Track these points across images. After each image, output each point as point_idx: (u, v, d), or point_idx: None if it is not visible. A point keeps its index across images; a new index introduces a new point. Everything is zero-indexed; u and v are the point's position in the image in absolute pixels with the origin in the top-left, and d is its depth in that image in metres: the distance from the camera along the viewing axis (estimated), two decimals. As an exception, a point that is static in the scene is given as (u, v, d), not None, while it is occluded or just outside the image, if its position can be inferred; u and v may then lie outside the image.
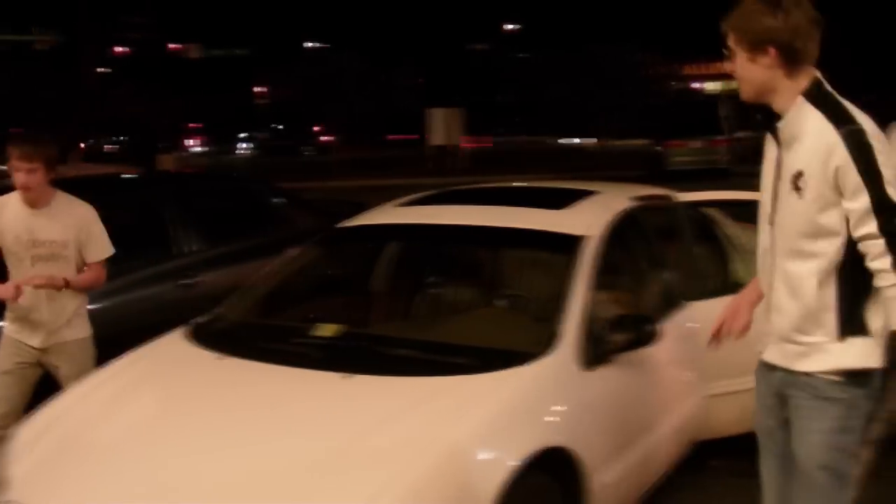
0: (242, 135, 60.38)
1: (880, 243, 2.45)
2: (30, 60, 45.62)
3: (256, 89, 65.29)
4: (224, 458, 2.80)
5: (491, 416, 2.95)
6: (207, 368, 3.45)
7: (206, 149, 55.91)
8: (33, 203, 4.09)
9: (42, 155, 3.99)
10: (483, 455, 2.81)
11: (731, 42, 2.63)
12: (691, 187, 5.03)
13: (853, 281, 2.54)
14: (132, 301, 5.26)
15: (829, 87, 2.61)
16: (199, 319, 3.92)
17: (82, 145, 27.79)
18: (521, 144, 46.29)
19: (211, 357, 3.49)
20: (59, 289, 4.06)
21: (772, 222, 2.71)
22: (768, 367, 2.78)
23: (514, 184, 5.84)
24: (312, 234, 4.79)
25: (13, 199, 4.13)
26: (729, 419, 4.02)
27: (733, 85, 2.71)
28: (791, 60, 2.55)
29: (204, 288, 5.43)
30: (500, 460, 2.78)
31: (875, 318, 2.56)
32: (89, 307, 4.34)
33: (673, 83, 41.87)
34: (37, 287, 4.01)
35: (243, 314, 4.09)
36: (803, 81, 2.58)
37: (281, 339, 3.74)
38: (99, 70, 52.46)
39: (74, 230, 4.13)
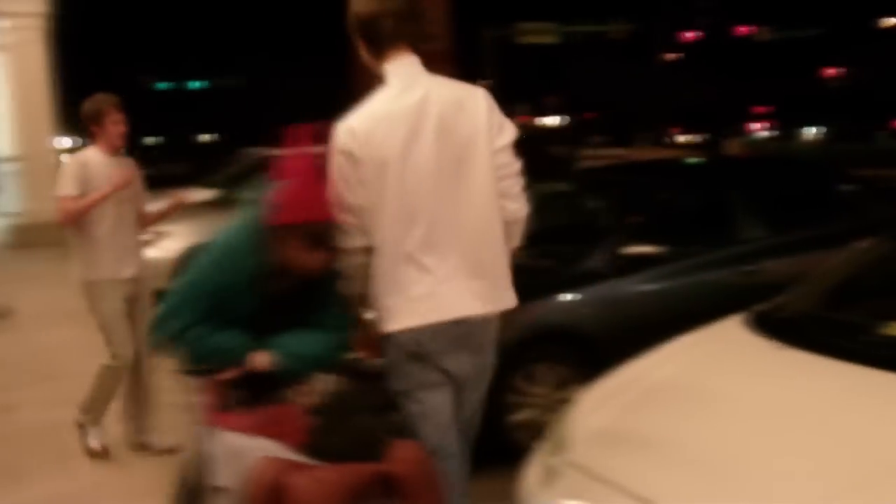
0: (812, 119, 57.95)
1: None
2: (606, 49, 48.42)
3: (827, 71, 62.16)
4: (798, 455, 2.67)
5: None
6: (767, 357, 3.35)
7: (773, 133, 54.67)
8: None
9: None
10: None
11: None
12: None
13: None
14: (692, 284, 5.32)
15: None
16: (761, 307, 3.82)
17: (653, 131, 28.89)
18: None
19: (771, 346, 3.38)
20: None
21: None
22: None
23: None
24: (887, 226, 4.41)
25: None
26: None
27: None
28: None
29: (766, 276, 5.29)
30: None
31: None
32: (649, 288, 4.48)
33: None
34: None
35: (807, 305, 3.89)
36: None
37: (848, 335, 3.48)
38: (669, 56, 53.96)
39: None
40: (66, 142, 25.82)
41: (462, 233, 2.99)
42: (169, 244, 9.65)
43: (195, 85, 73.59)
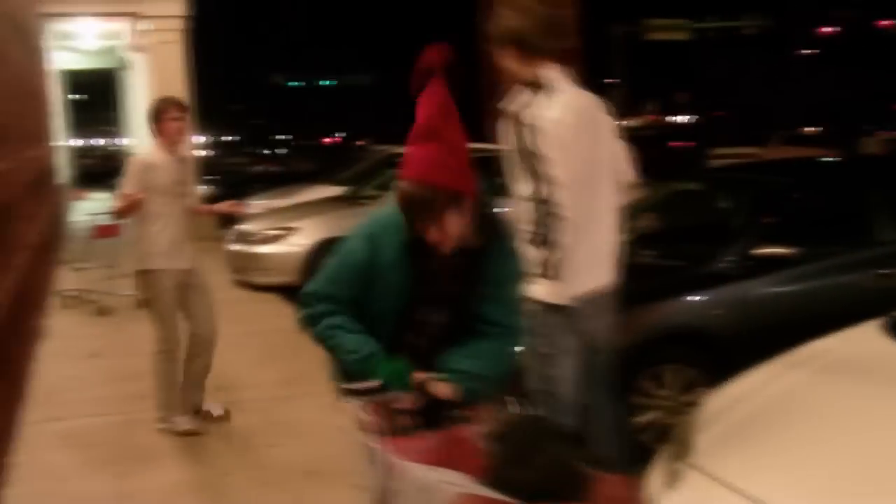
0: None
1: None
2: (738, 45, 47.19)
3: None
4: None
5: None
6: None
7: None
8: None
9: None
10: None
11: None
12: None
13: None
14: (826, 287, 5.15)
15: None
16: (898, 313, 3.66)
17: (787, 129, 28.04)
18: None
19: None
20: None
21: None
22: None
23: None
24: None
25: None
26: None
27: None
28: None
29: (904, 280, 5.09)
30: None
31: None
32: (781, 290, 4.36)
33: None
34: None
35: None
36: None
37: None
38: (805, 52, 52.19)
39: None
40: (202, 139, 26.78)
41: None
42: (297, 239, 9.91)
43: (324, 83, 75.22)
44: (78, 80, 27.28)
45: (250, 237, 10.32)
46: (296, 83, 74.24)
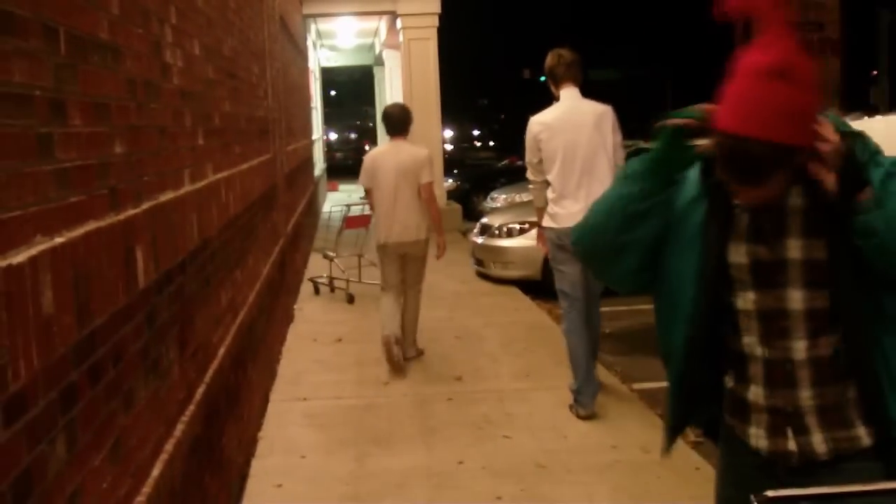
0: None
1: None
2: None
3: None
4: None
5: None
6: None
7: None
8: None
9: None
10: None
11: None
12: None
13: None
14: None
15: None
16: None
17: None
18: None
19: None
20: None
21: None
22: None
23: None
24: None
25: None
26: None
27: None
28: None
29: None
30: None
31: None
32: None
33: None
34: None
35: None
36: None
37: None
38: None
39: None
40: (449, 133, 27.44)
41: (586, 183, 5.44)
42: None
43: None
44: (334, 77, 28.68)
45: (493, 230, 10.42)
46: (544, 77, 74.58)
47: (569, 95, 5.62)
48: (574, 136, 5.47)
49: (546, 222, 5.62)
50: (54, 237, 2.02)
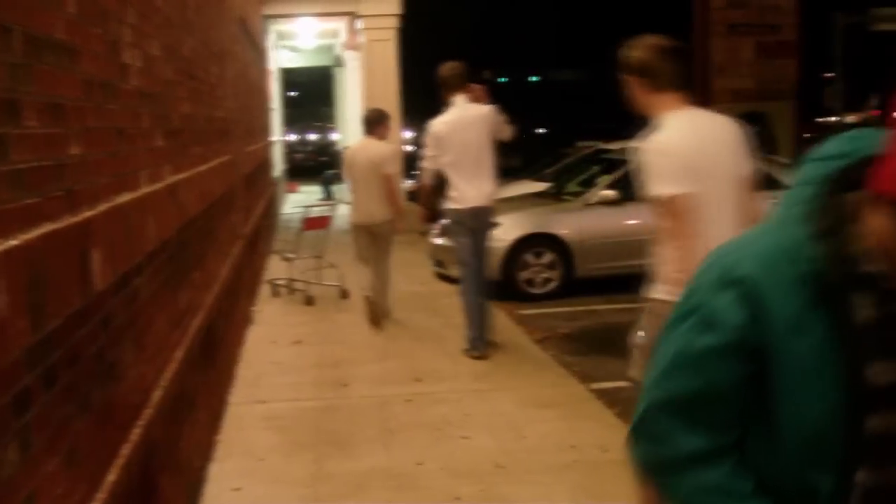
0: None
1: None
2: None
3: None
4: None
5: None
6: None
7: None
8: None
9: None
10: None
11: None
12: None
13: None
14: None
15: None
16: None
17: None
18: None
19: None
20: None
21: None
22: None
23: None
24: None
25: None
26: None
27: None
28: None
29: None
30: None
31: None
32: None
33: None
34: None
35: None
36: None
37: None
38: None
39: None
40: (408, 134, 27.44)
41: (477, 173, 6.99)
42: (497, 234, 9.89)
43: (533, 80, 75.30)
44: (293, 78, 28.53)
45: (452, 231, 10.43)
46: (503, 79, 74.82)
47: (461, 101, 6.96)
48: (466, 134, 6.86)
49: (449, 204, 7.04)
50: (9, 239, 2.00)
